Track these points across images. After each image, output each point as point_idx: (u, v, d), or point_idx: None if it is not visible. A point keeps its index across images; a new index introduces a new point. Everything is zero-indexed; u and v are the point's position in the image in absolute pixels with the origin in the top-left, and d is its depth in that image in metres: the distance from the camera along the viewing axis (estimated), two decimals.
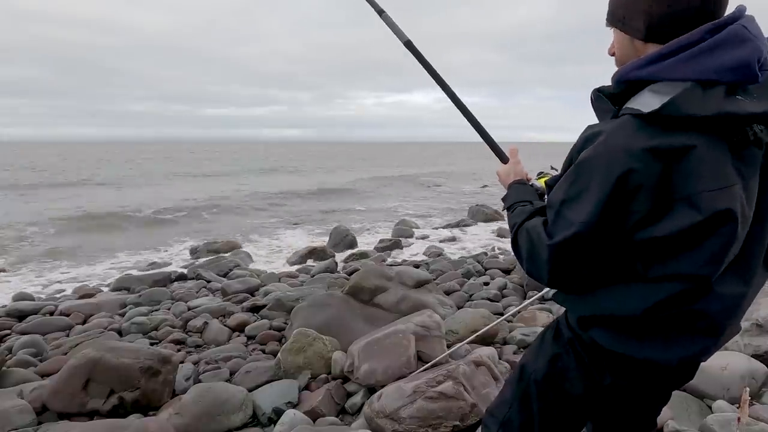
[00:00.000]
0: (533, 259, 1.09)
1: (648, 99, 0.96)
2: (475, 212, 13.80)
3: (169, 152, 76.88)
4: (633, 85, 1.02)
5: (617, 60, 1.15)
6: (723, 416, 2.44)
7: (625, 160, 0.93)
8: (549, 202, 1.09)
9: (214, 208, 16.12)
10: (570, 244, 1.01)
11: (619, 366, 1.16)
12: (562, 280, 1.08)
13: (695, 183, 0.93)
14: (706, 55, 0.93)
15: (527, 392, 1.32)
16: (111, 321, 4.90)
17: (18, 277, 7.96)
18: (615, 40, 1.15)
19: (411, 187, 25.19)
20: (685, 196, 0.94)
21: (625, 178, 0.94)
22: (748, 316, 3.21)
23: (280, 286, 6.01)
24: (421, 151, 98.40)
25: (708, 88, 0.93)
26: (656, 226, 0.97)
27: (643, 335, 1.09)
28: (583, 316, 1.17)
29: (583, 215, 0.98)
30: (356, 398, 2.97)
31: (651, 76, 0.98)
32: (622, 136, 0.96)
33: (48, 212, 14.79)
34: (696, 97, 0.92)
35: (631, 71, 1.02)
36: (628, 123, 0.97)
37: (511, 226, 1.22)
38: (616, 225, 0.98)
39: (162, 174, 32.71)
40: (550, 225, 1.06)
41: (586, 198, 0.98)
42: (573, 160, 1.06)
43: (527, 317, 4.34)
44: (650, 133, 0.94)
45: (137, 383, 2.89)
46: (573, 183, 1.02)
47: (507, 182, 1.42)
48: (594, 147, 0.99)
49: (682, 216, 0.95)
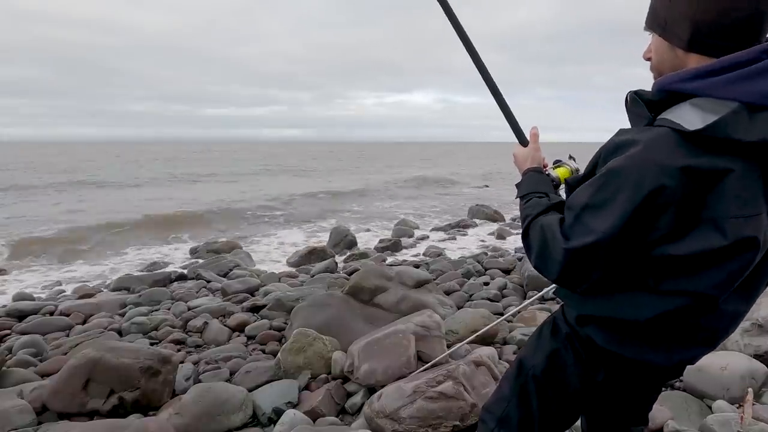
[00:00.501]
0: (545, 256, 1.08)
1: (689, 114, 0.93)
2: (475, 212, 13.80)
3: (171, 152, 76.87)
4: (674, 95, 0.98)
5: (653, 66, 1.12)
6: (723, 416, 2.44)
7: (658, 176, 0.91)
8: (570, 203, 1.07)
9: (214, 208, 16.12)
10: (587, 252, 0.99)
11: (613, 363, 1.17)
12: (571, 282, 1.07)
13: (726, 207, 0.92)
14: (758, 78, 0.91)
15: (526, 388, 1.32)
16: (111, 321, 4.89)
17: (18, 277, 7.96)
18: (653, 45, 1.11)
19: (411, 187, 25.19)
20: (713, 219, 0.93)
21: (656, 195, 0.92)
22: (749, 316, 3.21)
23: (280, 286, 6.01)
24: (421, 151, 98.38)
25: (754, 112, 0.90)
26: (676, 244, 0.96)
27: (640, 340, 1.10)
28: (582, 315, 1.17)
29: (606, 225, 0.96)
30: (356, 398, 2.97)
31: (696, 91, 0.95)
32: (659, 151, 0.93)
33: (58, 214, 14.78)
34: (742, 120, 0.90)
35: (676, 82, 0.98)
36: (668, 137, 0.94)
37: (523, 217, 1.19)
38: (637, 239, 0.97)
39: (167, 174, 32.70)
40: (568, 227, 1.04)
41: (612, 208, 0.96)
42: (599, 163, 1.04)
43: (527, 317, 4.34)
44: (689, 151, 0.92)
45: (137, 383, 2.89)
46: (599, 190, 0.99)
47: (523, 167, 1.38)
48: (628, 157, 0.95)
49: (706, 238, 0.94)
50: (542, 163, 1.39)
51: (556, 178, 1.35)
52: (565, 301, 1.26)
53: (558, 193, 1.31)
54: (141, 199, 18.74)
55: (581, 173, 1.20)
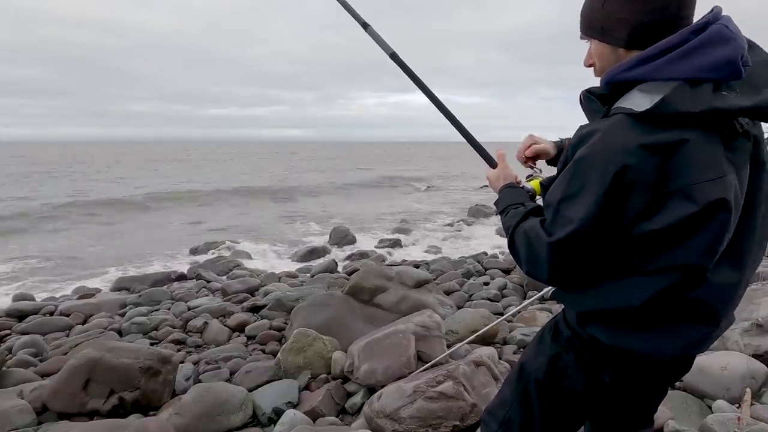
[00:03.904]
0: (532, 258, 1.11)
1: (638, 98, 1.00)
2: (475, 212, 13.81)
3: (173, 153, 76.83)
4: (621, 86, 1.06)
5: (598, 70, 1.18)
6: (723, 416, 2.44)
7: (620, 157, 0.97)
8: (547, 201, 1.11)
9: (215, 209, 16.12)
10: (569, 241, 1.03)
11: (619, 362, 1.17)
12: (562, 278, 1.09)
13: (689, 175, 0.96)
14: (692, 55, 0.98)
15: (527, 391, 1.33)
16: (111, 321, 4.89)
17: (19, 276, 7.96)
18: (594, 51, 1.17)
19: (411, 187, 25.20)
20: (680, 188, 0.97)
21: (622, 174, 0.97)
22: (748, 316, 3.21)
23: (280, 286, 6.01)
24: (421, 151, 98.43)
25: (696, 85, 0.97)
26: (652, 220, 0.99)
27: (642, 328, 1.10)
28: (582, 313, 1.18)
29: (582, 212, 1.00)
30: (356, 398, 2.97)
31: (640, 77, 1.02)
32: (617, 134, 0.99)
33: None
34: (686, 94, 0.96)
35: (619, 73, 1.05)
36: (622, 121, 1.00)
37: (506, 229, 1.23)
38: (614, 221, 1.01)
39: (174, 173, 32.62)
40: (549, 223, 1.08)
41: (584, 195, 1.00)
42: (569, 160, 1.07)
43: (527, 317, 4.34)
44: (644, 130, 0.98)
45: (137, 383, 2.89)
46: (570, 181, 1.04)
47: (497, 186, 1.43)
48: (590, 145, 1.01)
49: (678, 208, 0.97)
50: (514, 178, 1.45)
51: (531, 189, 1.41)
52: (563, 303, 1.26)
53: (535, 202, 1.34)
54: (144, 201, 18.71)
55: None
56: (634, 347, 1.12)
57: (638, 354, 1.13)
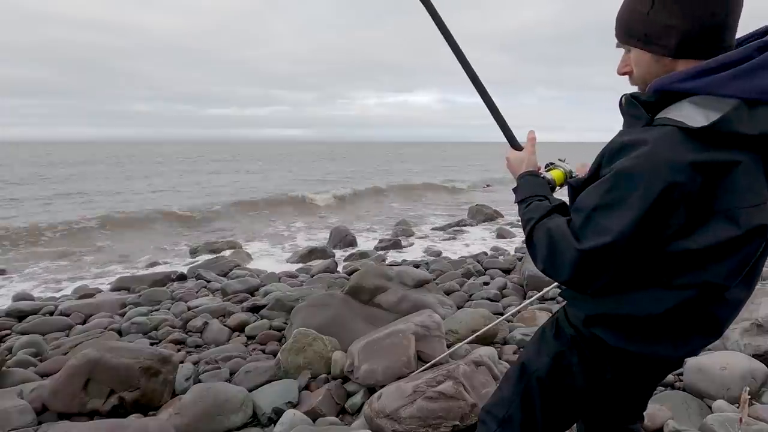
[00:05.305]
0: (553, 259, 1.07)
1: (691, 112, 0.96)
2: (475, 212, 13.79)
3: (181, 152, 76.82)
4: (669, 95, 1.01)
5: (637, 78, 1.13)
6: (723, 416, 2.44)
7: (669, 174, 0.93)
8: (578, 205, 1.07)
9: (214, 209, 16.09)
10: (601, 252, 1.00)
11: (620, 361, 1.18)
12: (582, 284, 1.07)
13: (736, 198, 0.95)
14: (754, 74, 0.95)
15: (529, 389, 1.32)
16: (111, 321, 4.89)
17: (18, 276, 7.96)
18: (633, 58, 1.12)
19: (411, 187, 25.14)
20: (725, 210, 0.95)
21: (669, 191, 0.94)
22: (748, 316, 3.21)
23: (280, 286, 6.00)
24: (421, 151, 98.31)
25: (754, 107, 0.95)
26: (690, 239, 0.98)
27: (654, 336, 1.10)
28: (590, 315, 1.17)
29: (620, 225, 0.97)
30: (356, 398, 2.97)
31: (695, 89, 0.98)
32: (667, 148, 0.95)
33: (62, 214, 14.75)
34: (744, 115, 0.94)
35: (673, 83, 1.01)
36: (674, 135, 0.96)
37: (525, 221, 1.19)
38: (651, 237, 0.98)
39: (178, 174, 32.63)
40: (578, 228, 1.04)
41: (625, 208, 0.97)
42: (603, 163, 1.05)
43: (527, 317, 4.33)
44: (696, 146, 0.94)
45: (137, 383, 2.89)
46: (610, 191, 1.00)
47: (518, 171, 1.37)
48: (636, 157, 0.97)
49: (720, 229, 0.96)
50: (537, 166, 1.39)
51: (552, 180, 1.35)
52: (572, 305, 1.25)
53: (554, 196, 1.31)
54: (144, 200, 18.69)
55: (580, 176, 1.20)
56: (642, 352, 1.13)
57: (642, 355, 1.14)
